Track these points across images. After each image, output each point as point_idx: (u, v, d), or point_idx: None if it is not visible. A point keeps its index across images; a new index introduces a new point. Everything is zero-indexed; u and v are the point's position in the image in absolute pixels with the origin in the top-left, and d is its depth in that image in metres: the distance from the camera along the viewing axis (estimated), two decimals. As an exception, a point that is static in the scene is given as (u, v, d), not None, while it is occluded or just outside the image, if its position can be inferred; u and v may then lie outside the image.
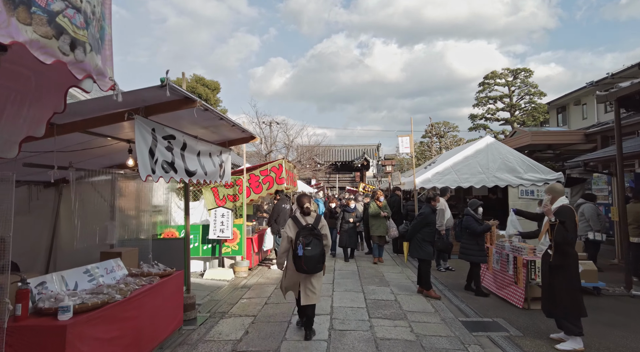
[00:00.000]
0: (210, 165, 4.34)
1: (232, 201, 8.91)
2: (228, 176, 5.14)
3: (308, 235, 4.44)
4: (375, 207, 9.61)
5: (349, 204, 10.06)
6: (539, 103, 22.81)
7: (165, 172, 3.22)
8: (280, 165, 8.83)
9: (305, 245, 4.38)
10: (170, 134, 3.39)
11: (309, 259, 4.37)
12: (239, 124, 4.29)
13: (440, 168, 10.46)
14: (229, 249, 8.50)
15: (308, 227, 4.51)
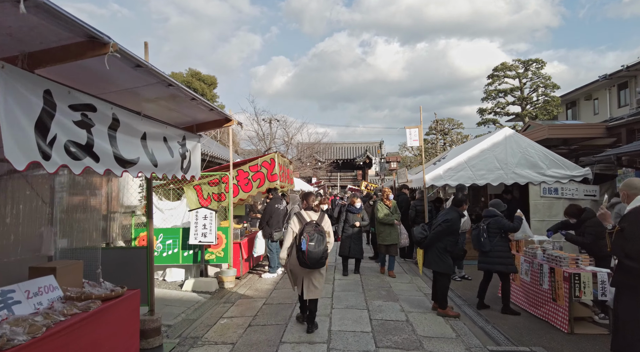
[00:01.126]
0: (164, 153, 3.27)
1: (218, 200, 7.84)
2: (195, 170, 4.05)
3: (312, 231, 4.56)
4: (384, 209, 7.98)
5: (353, 203, 7.99)
6: (552, 96, 21.64)
7: (74, 159, 2.16)
8: (272, 159, 7.76)
9: (309, 240, 4.48)
10: (86, 104, 2.32)
11: (312, 254, 4.46)
12: (202, 99, 3.21)
13: (453, 163, 9.36)
14: (213, 256, 7.43)
15: (312, 224, 4.65)
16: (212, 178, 7.85)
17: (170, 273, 7.71)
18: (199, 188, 7.92)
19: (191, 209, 7.34)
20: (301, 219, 4.77)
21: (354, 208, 7.99)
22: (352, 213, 7.99)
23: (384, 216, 7.89)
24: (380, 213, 7.97)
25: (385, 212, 7.94)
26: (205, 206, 7.81)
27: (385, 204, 8.08)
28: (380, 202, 8.20)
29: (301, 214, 4.85)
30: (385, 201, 8.15)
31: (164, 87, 2.77)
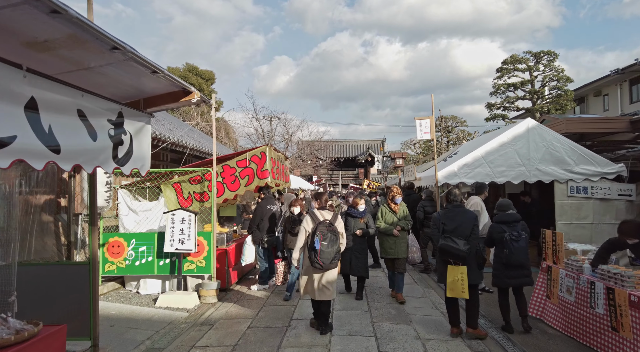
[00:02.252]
0: (77, 134, 2.22)
1: (200, 200, 6.78)
2: (141, 161, 2.99)
3: (325, 230, 4.52)
4: (388, 215, 6.23)
5: (355, 204, 6.17)
6: (565, 89, 20.48)
7: None
8: (262, 153, 6.69)
9: (322, 239, 4.46)
10: None
11: (325, 253, 4.44)
12: (132, 51, 2.12)
13: (469, 159, 8.30)
14: (193, 266, 6.38)
15: (325, 223, 4.61)
16: (194, 175, 6.79)
17: (145, 285, 6.68)
18: (178, 187, 6.86)
19: (167, 211, 6.28)
20: (314, 218, 4.69)
21: (356, 211, 6.16)
22: (354, 218, 6.15)
23: (386, 227, 6.16)
24: (381, 221, 6.23)
25: (389, 220, 6.21)
26: (185, 207, 6.76)
27: (390, 208, 6.29)
28: (385, 206, 6.40)
29: (314, 213, 4.77)
30: (390, 204, 6.31)
31: (56, 22, 1.70)
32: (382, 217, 6.26)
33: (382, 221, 6.24)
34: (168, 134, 8.84)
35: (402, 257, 6.15)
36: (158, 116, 12.98)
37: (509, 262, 4.62)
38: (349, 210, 6.31)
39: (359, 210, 6.19)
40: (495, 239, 4.82)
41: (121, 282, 7.02)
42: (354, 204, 6.26)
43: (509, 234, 4.63)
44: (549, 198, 8.86)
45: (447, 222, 4.62)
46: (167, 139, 8.37)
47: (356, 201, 6.27)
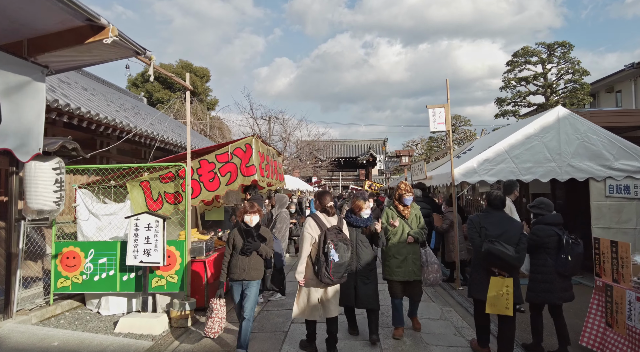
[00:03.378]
0: None
1: (174, 202, 5.71)
2: (23, 136, 1.91)
3: (335, 238, 3.90)
4: (396, 219, 4.74)
5: (359, 209, 4.45)
6: (582, 83, 19.38)
7: None
8: (247, 145, 5.63)
9: (335, 250, 3.83)
10: None
11: (337, 267, 3.83)
12: None
13: (491, 153, 7.24)
14: (163, 282, 5.31)
15: (334, 229, 3.98)
16: (165, 171, 5.72)
17: (107, 304, 5.61)
18: (147, 186, 5.80)
19: (130, 216, 5.21)
20: (320, 224, 4.03)
21: (358, 219, 4.44)
22: (356, 228, 4.46)
23: (397, 241, 4.64)
24: (389, 230, 4.70)
25: (397, 229, 4.70)
26: (154, 210, 5.69)
27: (397, 212, 4.79)
28: (391, 208, 4.88)
29: (318, 217, 4.09)
30: (397, 206, 4.81)
31: None
32: (389, 219, 4.79)
33: (390, 228, 4.75)
34: (132, 123, 7.77)
35: (416, 279, 4.66)
36: (137, 108, 11.90)
37: (566, 270, 4.03)
38: (348, 217, 4.48)
39: (363, 217, 4.43)
40: (546, 244, 4.14)
41: (82, 299, 5.95)
42: (356, 209, 4.46)
43: (568, 237, 4.08)
44: (579, 199, 7.82)
45: (488, 228, 3.99)
46: (131, 129, 7.31)
47: (358, 205, 4.43)
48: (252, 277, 4.12)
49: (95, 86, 11.41)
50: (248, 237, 4.11)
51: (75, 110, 6.30)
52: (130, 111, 10.10)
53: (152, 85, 30.41)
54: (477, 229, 4.07)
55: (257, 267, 4.19)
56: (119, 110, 8.84)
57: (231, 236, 4.25)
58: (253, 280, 4.14)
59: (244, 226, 4.17)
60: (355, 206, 4.49)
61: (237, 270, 4.10)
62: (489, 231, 3.97)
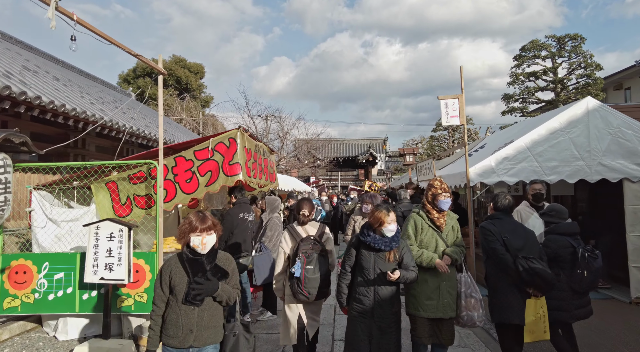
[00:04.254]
0: None
1: (146, 207, 4.89)
2: None
3: (309, 250, 3.54)
4: (428, 231, 3.62)
5: (379, 223, 3.18)
6: (596, 77, 18.57)
7: None
8: (231, 140, 4.83)
9: (306, 263, 3.47)
10: None
11: (311, 281, 3.44)
12: None
13: (511, 150, 6.47)
14: (130, 302, 4.52)
15: (309, 240, 3.61)
16: (135, 170, 4.91)
17: (66, 326, 4.82)
18: (114, 187, 4.98)
19: (89, 223, 4.40)
20: (294, 235, 3.71)
21: (379, 239, 3.20)
22: (375, 252, 3.24)
23: (427, 257, 3.51)
24: (415, 245, 3.60)
25: (429, 245, 3.59)
26: (122, 215, 4.89)
27: (429, 220, 3.62)
28: (420, 216, 3.67)
29: (294, 228, 3.77)
30: (430, 211, 3.62)
31: None
32: (415, 237, 3.60)
33: (416, 245, 3.59)
34: (108, 117, 6.96)
35: (450, 316, 3.48)
36: (119, 102, 11.02)
37: (581, 287, 3.63)
38: (363, 236, 3.26)
39: (386, 235, 3.16)
40: (559, 256, 3.72)
41: (39, 319, 5.13)
42: (375, 223, 3.19)
43: (584, 250, 3.66)
44: (608, 202, 7.04)
45: (510, 238, 3.55)
46: (105, 123, 6.50)
47: (379, 218, 3.15)
48: (204, 341, 2.60)
49: (74, 78, 10.59)
50: (196, 272, 2.59)
51: (34, 100, 5.50)
52: (110, 105, 9.29)
53: (144, 81, 29.53)
54: (500, 240, 3.56)
55: (214, 324, 2.64)
56: (95, 103, 8.04)
57: (165, 270, 2.64)
58: (208, 345, 2.62)
59: (189, 254, 2.61)
60: (375, 219, 3.17)
61: (179, 332, 2.54)
62: (511, 242, 3.53)
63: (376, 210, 3.23)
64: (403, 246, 3.31)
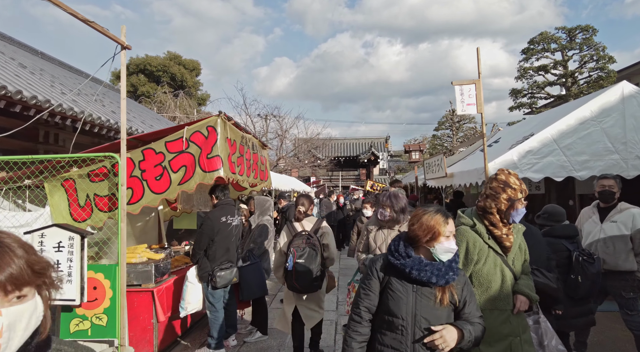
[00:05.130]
0: None
1: (109, 209, 4.11)
2: None
3: (302, 244, 3.76)
4: (489, 255, 2.36)
5: (426, 237, 1.94)
6: (609, 70, 17.77)
7: None
8: (210, 129, 4.06)
9: (298, 257, 3.68)
10: None
11: (302, 274, 3.64)
12: None
13: (535, 143, 5.72)
14: (86, 325, 3.76)
15: (303, 235, 3.83)
16: (96, 166, 4.13)
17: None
18: (71, 186, 4.20)
19: (31, 230, 3.63)
20: (290, 230, 3.92)
21: (426, 266, 1.92)
22: (417, 285, 1.95)
23: (490, 299, 2.34)
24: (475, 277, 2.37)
25: (494, 279, 2.35)
26: (80, 219, 4.11)
27: (494, 235, 2.38)
28: (474, 229, 2.42)
29: (292, 223, 3.97)
30: (498, 225, 2.36)
31: None
32: (467, 266, 2.39)
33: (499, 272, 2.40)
34: (81, 108, 6.20)
35: None
36: (100, 95, 10.22)
37: (577, 293, 3.45)
38: (398, 256, 1.98)
39: (441, 258, 1.94)
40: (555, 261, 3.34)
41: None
42: (425, 235, 1.95)
43: (578, 253, 3.50)
44: None
45: None
46: (76, 115, 5.74)
47: (434, 226, 1.93)
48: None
49: (49, 68, 9.84)
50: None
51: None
52: (88, 97, 8.52)
53: (137, 78, 28.81)
54: None
55: None
56: (66, 93, 7.27)
57: None
58: None
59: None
60: (423, 228, 1.95)
61: None
62: None
63: (424, 213, 1.98)
64: (464, 280, 2.03)
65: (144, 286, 4.27)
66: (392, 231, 3.49)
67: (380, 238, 3.51)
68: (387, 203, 3.47)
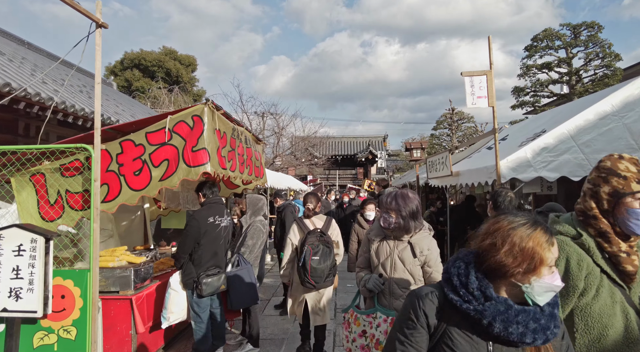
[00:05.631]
0: None
1: (82, 208, 3.68)
2: None
3: (316, 241, 3.86)
4: (603, 285, 1.57)
5: (527, 265, 1.20)
6: (616, 68, 17.40)
7: None
8: (196, 118, 3.64)
9: (313, 254, 3.78)
10: None
11: (317, 270, 3.75)
12: None
13: (550, 139, 5.34)
14: (52, 339, 3.34)
15: (316, 232, 3.92)
16: (69, 159, 3.70)
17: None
18: (40, 181, 3.77)
19: (3, 227, 3.20)
20: (302, 227, 4.01)
21: (521, 314, 1.19)
22: (499, 344, 1.25)
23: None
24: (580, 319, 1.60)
25: (617, 319, 1.54)
26: (51, 218, 3.69)
27: (610, 254, 1.59)
28: (586, 243, 1.61)
29: (302, 220, 4.07)
30: (611, 236, 1.58)
31: None
32: (569, 298, 1.59)
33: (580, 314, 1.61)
34: (62, 98, 5.76)
35: None
36: (87, 87, 9.72)
37: None
38: (465, 294, 1.25)
39: (537, 301, 1.21)
40: None
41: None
42: (525, 262, 1.20)
43: None
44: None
45: None
46: (57, 105, 5.30)
47: (535, 251, 1.20)
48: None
49: (31, 56, 9.37)
50: None
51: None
52: (73, 88, 8.07)
53: (132, 73, 28.30)
54: None
55: None
56: (48, 83, 6.81)
57: None
58: None
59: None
60: (514, 254, 1.21)
61: None
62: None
63: (512, 227, 1.25)
64: (562, 330, 1.34)
65: (121, 293, 3.86)
66: (401, 242, 2.70)
67: (383, 252, 2.73)
68: (393, 206, 2.66)
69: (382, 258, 2.73)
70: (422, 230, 2.75)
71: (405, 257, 2.67)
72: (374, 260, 2.78)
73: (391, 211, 2.66)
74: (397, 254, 2.69)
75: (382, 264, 2.72)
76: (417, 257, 2.66)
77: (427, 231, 2.81)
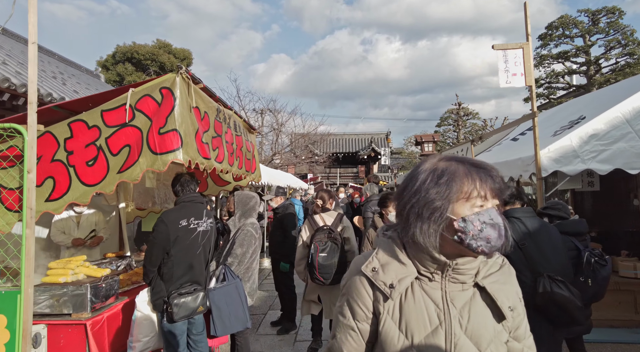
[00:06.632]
0: None
1: (18, 208, 2.89)
2: None
3: (324, 238, 3.95)
4: None
5: None
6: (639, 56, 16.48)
7: None
8: (166, 92, 2.83)
9: (320, 251, 3.88)
10: None
11: (325, 267, 3.83)
12: None
13: (601, 124, 4.57)
14: (-30, 383, 2.51)
15: (325, 229, 4.01)
16: (5, 146, 2.92)
17: None
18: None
19: None
20: (312, 224, 4.13)
21: None
22: None
23: None
24: None
25: None
26: (-21, 223, 2.89)
27: None
28: None
29: (313, 217, 4.20)
30: None
31: None
32: None
33: None
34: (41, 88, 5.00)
35: None
36: (75, 78, 8.88)
37: (583, 298, 2.82)
38: None
39: None
40: None
41: None
42: None
43: (590, 254, 3.11)
44: None
45: (531, 245, 2.65)
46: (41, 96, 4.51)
47: None
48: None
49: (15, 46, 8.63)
50: None
51: None
52: (56, 78, 7.30)
53: (124, 67, 27.49)
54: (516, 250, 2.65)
55: None
56: (23, 72, 6.03)
57: None
58: None
59: None
60: None
61: None
62: (532, 253, 2.66)
63: None
64: None
65: (74, 317, 3.08)
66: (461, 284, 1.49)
67: (422, 315, 1.37)
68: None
69: (419, 330, 1.12)
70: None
71: (479, 322, 1.13)
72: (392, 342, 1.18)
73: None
74: (459, 316, 1.13)
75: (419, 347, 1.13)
76: (505, 318, 1.15)
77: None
